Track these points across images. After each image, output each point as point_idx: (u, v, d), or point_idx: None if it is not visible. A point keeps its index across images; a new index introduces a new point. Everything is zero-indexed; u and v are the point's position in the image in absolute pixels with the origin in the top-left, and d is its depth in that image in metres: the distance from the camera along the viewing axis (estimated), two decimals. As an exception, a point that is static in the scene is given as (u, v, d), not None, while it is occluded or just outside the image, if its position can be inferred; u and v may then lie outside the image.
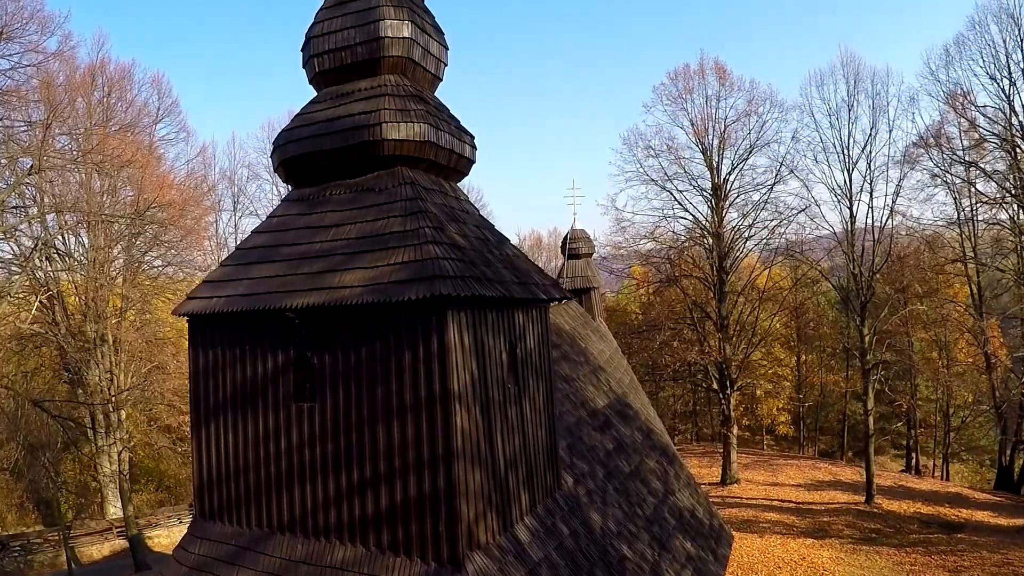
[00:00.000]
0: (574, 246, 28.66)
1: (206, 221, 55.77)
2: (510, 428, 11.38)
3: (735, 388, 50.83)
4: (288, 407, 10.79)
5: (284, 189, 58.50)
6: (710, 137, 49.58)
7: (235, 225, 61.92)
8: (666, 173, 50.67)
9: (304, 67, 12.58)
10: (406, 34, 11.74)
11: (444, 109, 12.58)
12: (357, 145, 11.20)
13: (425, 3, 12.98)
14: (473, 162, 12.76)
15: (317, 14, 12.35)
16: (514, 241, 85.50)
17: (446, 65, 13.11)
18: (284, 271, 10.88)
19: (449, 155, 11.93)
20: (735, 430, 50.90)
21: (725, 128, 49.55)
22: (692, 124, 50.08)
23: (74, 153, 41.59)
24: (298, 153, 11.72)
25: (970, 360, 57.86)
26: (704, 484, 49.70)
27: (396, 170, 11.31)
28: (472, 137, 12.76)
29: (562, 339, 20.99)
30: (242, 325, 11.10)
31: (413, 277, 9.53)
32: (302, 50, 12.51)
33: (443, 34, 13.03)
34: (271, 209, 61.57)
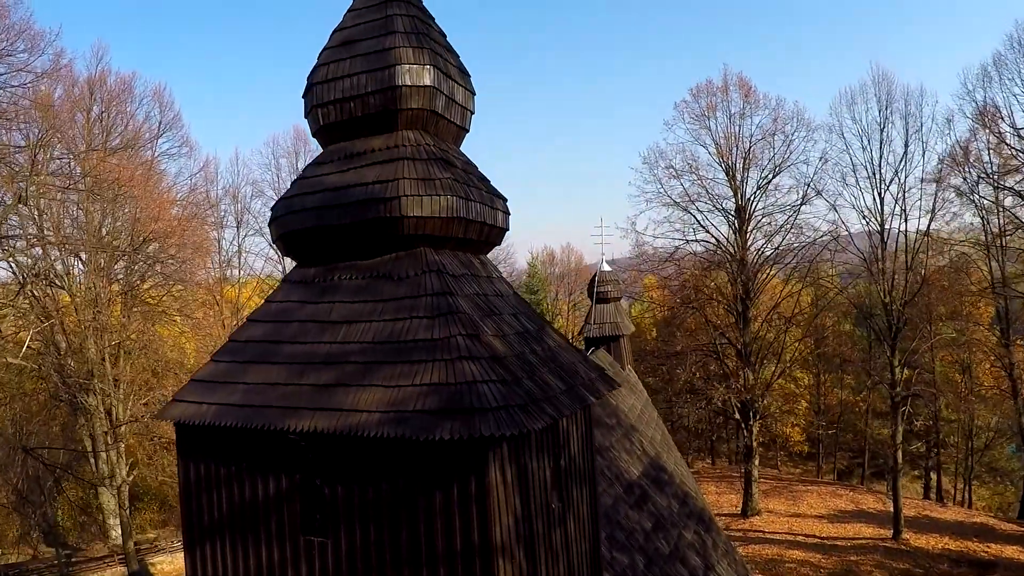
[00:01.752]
0: (602, 290, 26.57)
1: (209, 240, 53.95)
2: (554, 556, 9.44)
3: (757, 418, 48.87)
4: (295, 539, 8.84)
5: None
6: (734, 157, 47.66)
7: (239, 244, 59.90)
8: (688, 194, 48.83)
9: (306, 117, 10.60)
10: (427, 82, 9.75)
11: (472, 169, 10.60)
12: (371, 221, 9.21)
13: (448, 40, 11.04)
14: (506, 230, 10.80)
15: (321, 54, 10.40)
16: (527, 259, 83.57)
17: (473, 113, 11.12)
18: (286, 378, 8.93)
19: (480, 228, 9.96)
20: (757, 461, 48.97)
21: (750, 147, 47.68)
22: (715, 143, 48.26)
23: (73, 173, 40.12)
24: (299, 228, 9.76)
25: (993, 383, 56.36)
26: (724, 515, 47.91)
27: (418, 252, 9.33)
28: (505, 201, 10.80)
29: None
30: (237, 439, 9.14)
31: (445, 407, 7.57)
32: (304, 96, 10.54)
33: (469, 77, 11.04)
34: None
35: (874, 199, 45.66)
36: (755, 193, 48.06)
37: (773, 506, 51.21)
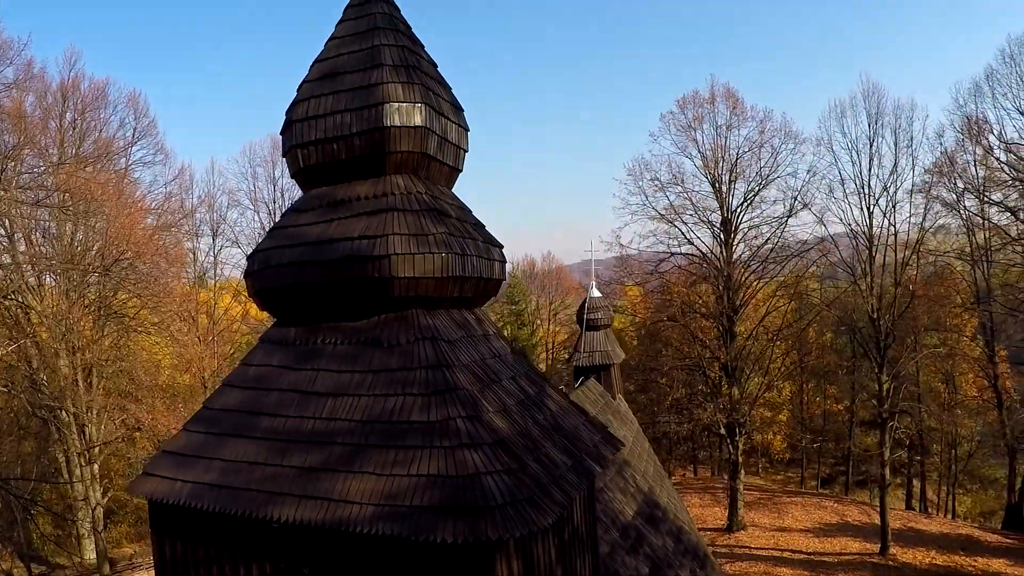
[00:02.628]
0: (592, 317, 25.53)
1: (183, 251, 52.91)
2: (558, 641, 8.62)
3: (743, 433, 48.23)
4: (280, 626, 7.98)
5: (268, 221, 55.69)
6: (720, 169, 46.98)
7: (214, 255, 58.76)
8: (673, 207, 48.08)
9: (285, 156, 9.72)
10: (418, 122, 8.87)
11: (467, 216, 9.73)
12: (358, 281, 8.35)
13: (439, 70, 10.20)
14: (504, 280, 9.98)
15: (300, 88, 9.51)
16: (508, 268, 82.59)
17: (466, 152, 10.26)
18: (267, 456, 8.05)
19: (476, 284, 9.12)
20: (742, 475, 48.28)
21: (736, 159, 47.02)
22: (702, 155, 47.63)
23: (46, 184, 39.10)
24: (278, 285, 8.87)
25: (976, 393, 56.18)
26: (709, 530, 47.29)
27: (409, 315, 8.45)
28: (501, 249, 9.98)
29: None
30: (216, 520, 8.25)
31: (446, 503, 6.74)
32: (282, 134, 9.67)
33: (462, 112, 10.20)
34: (253, 240, 59.10)
35: (862, 212, 45.19)
36: (741, 206, 47.45)
37: (758, 519, 50.59)
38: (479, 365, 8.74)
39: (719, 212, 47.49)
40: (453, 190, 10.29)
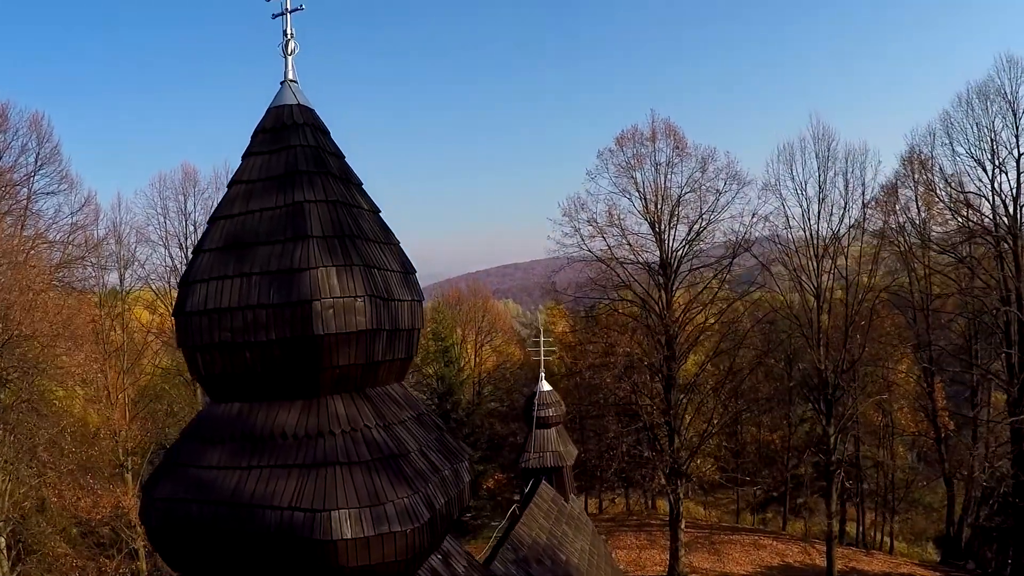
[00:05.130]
0: (543, 414, 23.48)
1: (90, 301, 49.34)
2: None
3: (684, 481, 46.65)
4: None
5: (180, 256, 52.55)
6: (661, 209, 45.14)
7: (123, 296, 54.92)
8: (612, 251, 46.07)
9: (180, 347, 7.31)
10: (362, 324, 6.62)
11: (426, 424, 7.55)
12: (293, 560, 6.17)
13: (386, 223, 7.98)
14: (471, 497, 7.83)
15: (198, 261, 7.12)
16: (432, 302, 79.76)
17: (420, 330, 7.96)
18: None
19: (447, 526, 6.98)
20: (683, 524, 46.56)
21: (679, 199, 45.35)
22: (641, 194, 45.67)
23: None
24: (184, 546, 6.66)
25: (913, 425, 56.08)
26: (647, 581, 45.80)
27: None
28: (468, 457, 7.80)
29: (543, 564, 16.22)
30: None
31: None
32: (175, 317, 7.24)
33: (414, 275, 7.95)
34: (164, 277, 55.83)
35: (810, 257, 44.07)
36: (682, 247, 45.68)
37: (698, 563, 49.10)
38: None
39: (658, 255, 45.65)
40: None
